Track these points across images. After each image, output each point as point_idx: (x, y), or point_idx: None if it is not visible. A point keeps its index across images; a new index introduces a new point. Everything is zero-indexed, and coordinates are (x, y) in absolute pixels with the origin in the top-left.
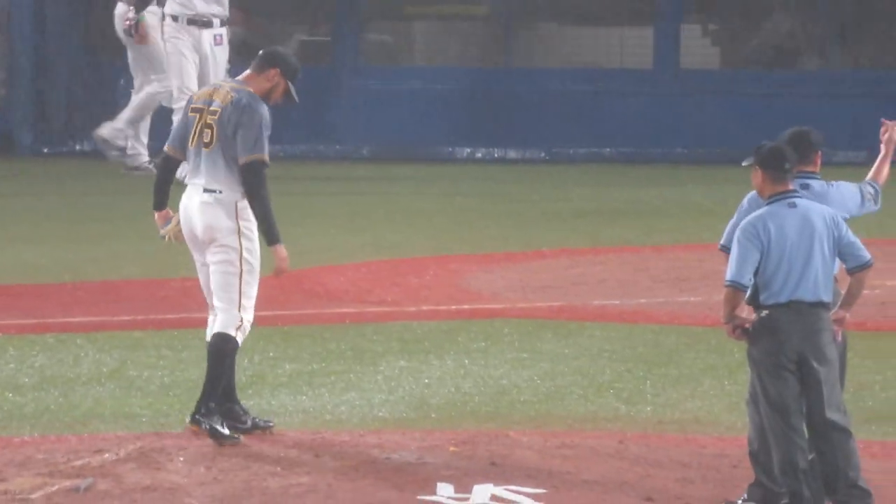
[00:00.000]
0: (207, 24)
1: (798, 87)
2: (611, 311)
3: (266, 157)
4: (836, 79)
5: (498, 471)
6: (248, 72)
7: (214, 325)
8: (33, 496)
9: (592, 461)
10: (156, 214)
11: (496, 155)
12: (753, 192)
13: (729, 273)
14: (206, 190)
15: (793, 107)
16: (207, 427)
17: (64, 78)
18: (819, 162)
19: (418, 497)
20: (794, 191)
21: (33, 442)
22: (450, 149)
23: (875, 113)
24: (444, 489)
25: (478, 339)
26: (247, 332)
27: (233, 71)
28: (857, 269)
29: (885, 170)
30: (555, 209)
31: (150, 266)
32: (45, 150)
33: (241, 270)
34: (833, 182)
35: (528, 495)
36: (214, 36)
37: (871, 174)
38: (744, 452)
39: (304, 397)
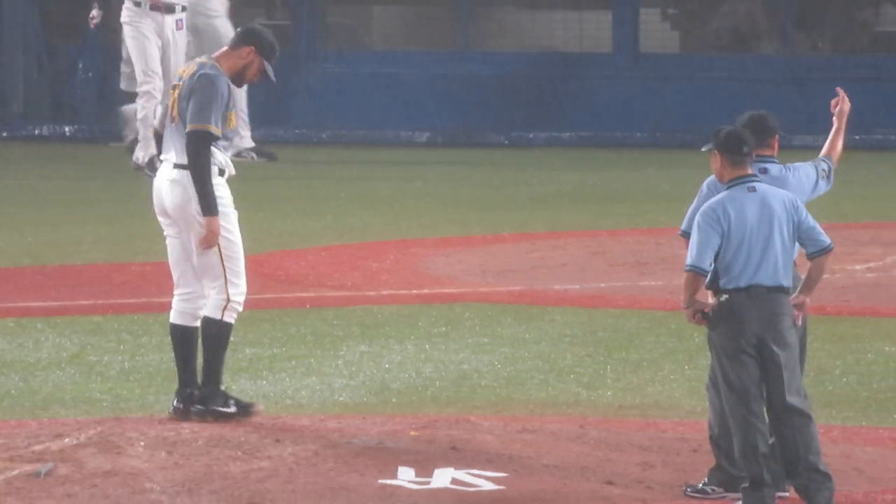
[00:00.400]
0: (170, 10)
1: (757, 72)
2: (571, 296)
3: (210, 128)
4: (795, 63)
5: (459, 455)
6: (223, 48)
7: (205, 309)
8: None
9: (553, 446)
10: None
11: (456, 139)
12: (712, 177)
13: (689, 258)
14: (175, 165)
15: (751, 91)
16: (209, 413)
17: (20, 62)
18: (776, 146)
19: (379, 481)
20: (754, 175)
21: None
22: (409, 133)
23: (833, 97)
24: (405, 473)
25: (438, 324)
26: (238, 308)
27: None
28: (818, 254)
29: (839, 144)
30: (514, 193)
31: (110, 250)
32: (4, 135)
33: (220, 247)
34: (791, 165)
35: (488, 479)
36: (176, 21)
37: (824, 149)
38: (704, 437)
39: (265, 382)
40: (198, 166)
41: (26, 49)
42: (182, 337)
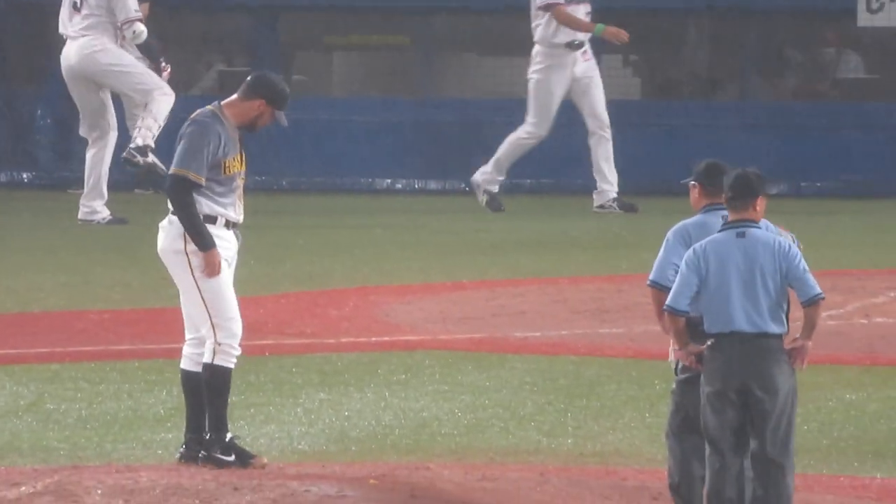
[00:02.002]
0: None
1: (717, 118)
2: (531, 344)
3: (187, 173)
4: (755, 110)
5: (418, 503)
6: (233, 97)
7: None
8: None
9: (514, 494)
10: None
11: (416, 186)
12: (678, 226)
13: (668, 298)
14: (171, 212)
15: (712, 138)
16: (210, 459)
17: None
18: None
19: None
20: (723, 206)
21: None
22: (370, 180)
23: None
24: None
25: (398, 372)
26: (231, 351)
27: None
28: (808, 304)
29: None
30: (474, 240)
31: (68, 297)
32: None
33: (200, 292)
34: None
35: None
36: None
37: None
38: (664, 485)
39: (233, 428)
40: (177, 209)
41: None
42: (186, 382)
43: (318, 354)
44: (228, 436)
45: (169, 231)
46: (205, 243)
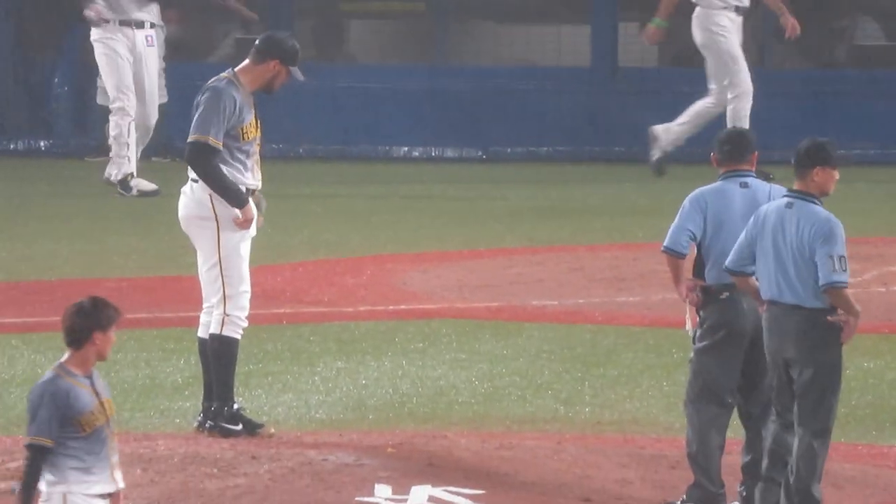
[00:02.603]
0: (140, 25)
1: None
2: (549, 312)
3: (207, 138)
4: (773, 78)
5: (436, 472)
6: (245, 62)
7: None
8: None
9: (530, 462)
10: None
11: (433, 154)
12: (695, 193)
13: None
14: (191, 179)
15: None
16: (217, 429)
17: None
18: (755, 162)
19: (356, 498)
20: (750, 172)
21: None
22: (386, 147)
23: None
24: (382, 490)
25: (415, 340)
26: (239, 322)
27: (169, 69)
28: (825, 288)
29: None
30: (491, 208)
31: (85, 266)
32: None
33: (220, 262)
34: (772, 185)
35: (465, 496)
36: (146, 37)
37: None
38: (682, 453)
39: (241, 398)
40: (206, 177)
41: (1, 62)
42: (201, 350)
43: (335, 323)
44: (236, 405)
45: (192, 197)
46: (239, 200)
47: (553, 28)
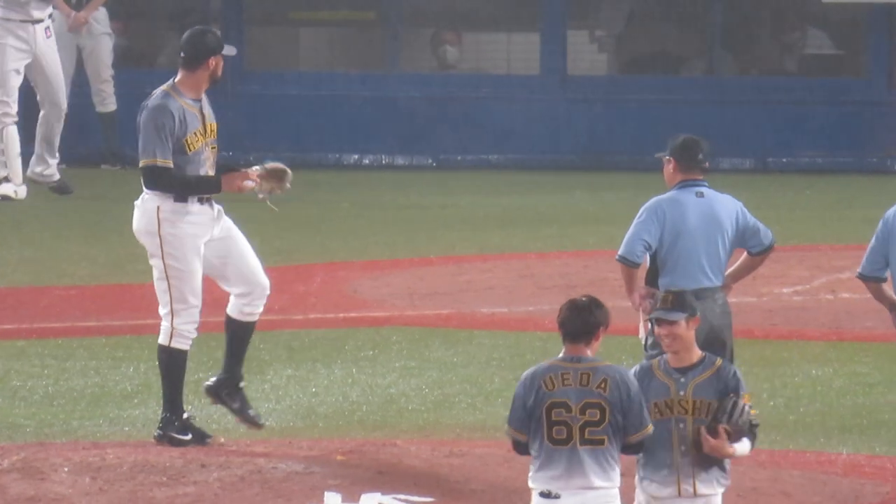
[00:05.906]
0: (39, 21)
1: (684, 94)
2: (499, 319)
3: (155, 161)
4: (722, 85)
5: (386, 479)
6: (180, 74)
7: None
8: None
9: (481, 470)
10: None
11: (384, 161)
12: (652, 201)
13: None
14: (143, 191)
15: (679, 113)
16: (166, 438)
17: None
18: (707, 169)
19: None
20: (703, 182)
21: None
22: (337, 155)
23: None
24: (332, 498)
25: (365, 348)
26: (187, 335)
27: (117, 76)
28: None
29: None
30: (442, 216)
31: (34, 273)
32: None
33: (167, 276)
34: (721, 193)
35: None
36: (45, 29)
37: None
38: (632, 460)
39: (191, 406)
40: (175, 192)
41: None
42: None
43: (285, 331)
44: (185, 415)
45: (144, 211)
46: (212, 186)
47: (503, 36)
